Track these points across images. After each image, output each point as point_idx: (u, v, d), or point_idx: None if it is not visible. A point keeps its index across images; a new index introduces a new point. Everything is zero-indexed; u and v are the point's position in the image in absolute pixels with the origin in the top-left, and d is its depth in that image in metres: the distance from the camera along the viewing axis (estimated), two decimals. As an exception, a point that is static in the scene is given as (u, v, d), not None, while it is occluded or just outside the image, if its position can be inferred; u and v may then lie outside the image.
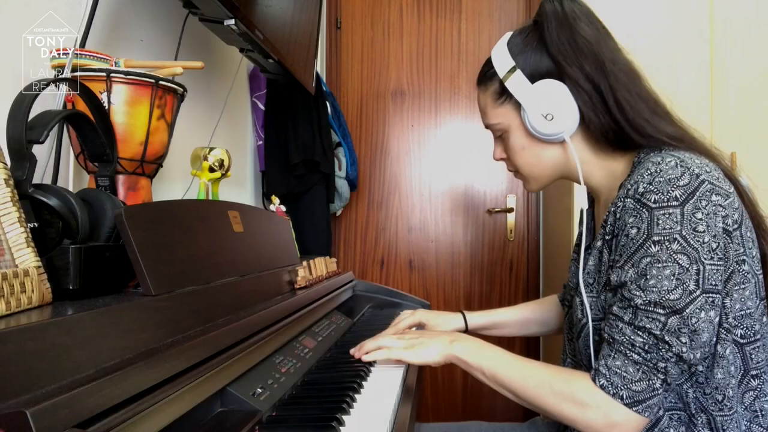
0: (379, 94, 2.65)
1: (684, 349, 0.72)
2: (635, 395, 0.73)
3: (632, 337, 0.74)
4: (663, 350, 0.72)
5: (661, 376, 0.73)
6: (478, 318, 1.22)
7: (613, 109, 0.82)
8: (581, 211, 0.95)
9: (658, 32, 1.90)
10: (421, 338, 0.92)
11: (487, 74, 0.91)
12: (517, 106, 0.88)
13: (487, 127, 0.95)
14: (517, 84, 0.86)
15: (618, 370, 0.74)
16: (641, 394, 0.73)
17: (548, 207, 2.45)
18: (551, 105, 0.84)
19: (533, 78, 0.85)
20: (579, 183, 0.91)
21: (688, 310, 0.71)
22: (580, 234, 1.03)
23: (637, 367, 0.73)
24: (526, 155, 0.92)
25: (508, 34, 0.91)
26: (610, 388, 0.74)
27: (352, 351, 0.98)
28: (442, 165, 2.63)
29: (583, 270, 0.88)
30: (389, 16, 2.65)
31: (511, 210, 2.59)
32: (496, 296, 2.60)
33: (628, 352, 0.74)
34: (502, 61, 0.88)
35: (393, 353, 0.91)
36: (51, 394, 0.41)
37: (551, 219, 2.37)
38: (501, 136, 0.94)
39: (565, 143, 0.87)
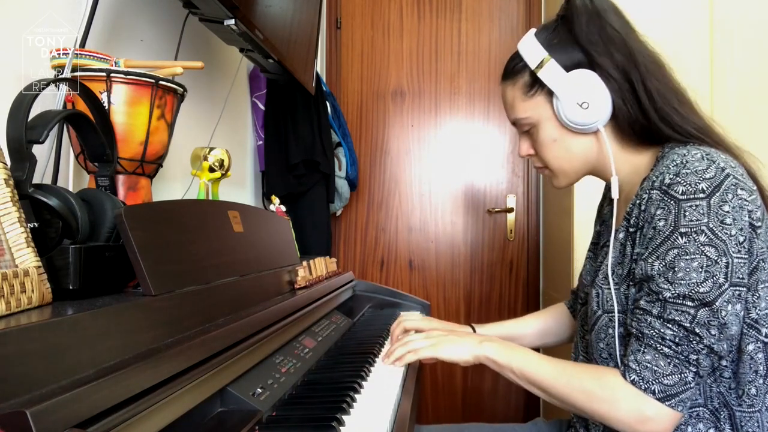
0: (379, 94, 2.65)
1: (714, 341, 0.72)
2: (667, 389, 0.73)
3: (662, 330, 0.74)
4: (694, 342, 0.72)
5: (693, 369, 0.73)
6: (488, 331, 1.16)
7: (642, 98, 0.83)
8: (603, 203, 0.95)
9: (658, 32, 1.89)
10: (451, 336, 0.93)
11: (515, 68, 0.91)
12: (549, 97, 0.87)
13: (514, 122, 0.94)
14: (551, 73, 0.86)
15: (648, 365, 0.74)
16: (673, 388, 0.73)
17: (548, 207, 2.45)
18: (586, 94, 0.84)
19: (566, 69, 0.85)
20: (604, 179, 0.92)
21: (717, 303, 0.72)
22: (597, 232, 1.02)
23: (668, 360, 0.73)
24: (556, 148, 0.91)
25: (533, 30, 0.90)
26: (641, 383, 0.74)
27: (383, 360, 0.98)
28: (442, 165, 2.63)
29: (604, 263, 0.88)
30: (389, 16, 2.65)
31: (511, 210, 2.59)
32: (496, 296, 2.60)
33: (658, 345, 0.74)
34: (534, 52, 0.87)
35: (420, 353, 0.91)
36: (51, 394, 0.41)
37: (551, 219, 2.37)
38: (528, 131, 0.93)
39: (597, 134, 0.87)
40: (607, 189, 1.02)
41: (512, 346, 0.89)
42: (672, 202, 0.74)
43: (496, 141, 2.61)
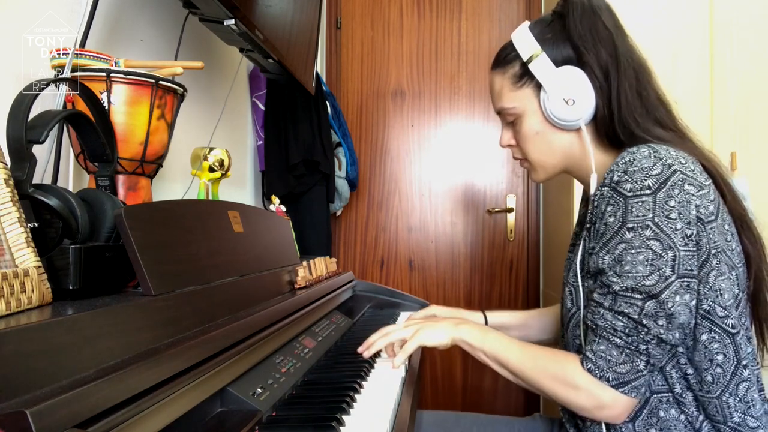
0: (379, 94, 2.65)
1: (662, 331, 0.75)
2: (620, 377, 0.77)
3: (613, 322, 0.78)
4: (642, 333, 0.76)
5: (644, 358, 0.77)
6: (498, 316, 1.22)
7: (613, 101, 0.85)
8: (581, 206, 0.96)
9: (658, 32, 1.90)
10: (427, 322, 0.96)
11: (507, 57, 0.92)
12: (537, 90, 0.89)
13: (500, 111, 0.96)
14: (542, 67, 0.87)
15: (603, 354, 0.78)
16: (626, 376, 0.77)
17: (548, 207, 2.45)
18: (573, 90, 0.85)
19: (556, 64, 0.87)
20: (578, 177, 0.95)
21: (663, 295, 0.75)
22: (574, 234, 1.04)
23: (620, 350, 0.77)
24: (537, 141, 0.92)
25: (527, 23, 0.92)
26: (596, 372, 0.78)
27: (360, 349, 0.99)
28: (442, 165, 2.63)
29: (574, 261, 0.91)
30: (389, 16, 2.65)
31: (511, 210, 2.59)
32: (496, 296, 2.60)
33: (610, 336, 0.78)
34: (527, 44, 0.89)
35: (408, 348, 0.92)
36: (51, 394, 0.41)
37: (551, 219, 2.37)
38: (512, 122, 0.95)
39: (579, 132, 0.89)
40: (584, 193, 1.04)
41: (486, 330, 0.92)
42: (621, 198, 0.78)
43: (496, 141, 2.59)
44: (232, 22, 1.21)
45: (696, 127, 0.93)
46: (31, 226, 0.60)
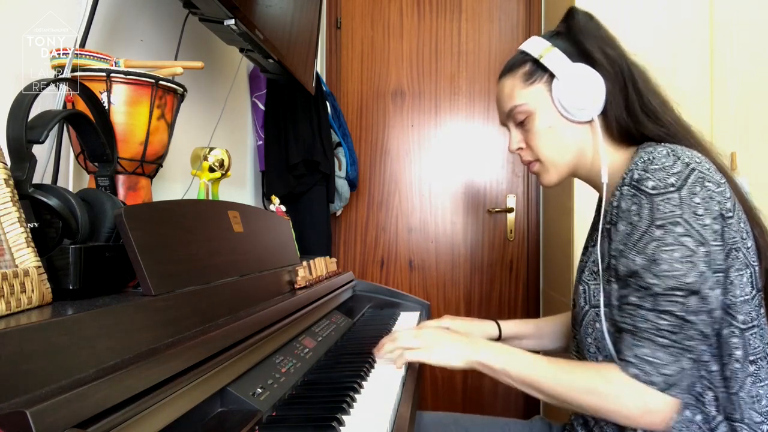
0: (379, 94, 2.65)
1: (704, 326, 0.75)
2: (668, 379, 0.75)
3: (657, 322, 0.76)
4: (687, 329, 0.75)
5: (689, 355, 0.75)
6: (512, 326, 1.19)
7: (631, 95, 0.87)
8: (597, 206, 0.98)
9: (658, 32, 1.90)
10: (442, 338, 0.93)
11: (516, 61, 0.95)
12: (548, 85, 0.91)
13: (510, 112, 0.96)
14: (555, 58, 0.90)
15: (647, 357, 0.76)
16: (673, 377, 0.75)
17: (548, 207, 2.45)
18: (586, 81, 0.88)
19: (570, 60, 0.90)
20: (588, 179, 0.96)
21: (704, 290, 0.75)
22: (589, 236, 1.04)
23: (666, 350, 0.75)
24: (550, 137, 0.93)
25: (534, 36, 0.96)
26: (642, 376, 0.75)
27: (375, 350, 0.99)
28: (442, 165, 2.63)
29: (591, 259, 0.91)
30: (389, 16, 2.65)
31: (511, 210, 2.59)
32: (496, 296, 2.60)
33: (654, 337, 0.76)
34: (537, 44, 0.92)
35: (413, 355, 0.92)
36: (51, 394, 0.41)
37: (551, 219, 2.37)
38: (522, 122, 0.95)
39: (590, 125, 0.91)
40: (599, 199, 1.04)
41: (506, 349, 0.88)
42: (644, 197, 0.77)
43: (496, 141, 2.61)
44: (232, 22, 1.21)
45: (696, 127, 0.94)
46: (31, 226, 0.60)
